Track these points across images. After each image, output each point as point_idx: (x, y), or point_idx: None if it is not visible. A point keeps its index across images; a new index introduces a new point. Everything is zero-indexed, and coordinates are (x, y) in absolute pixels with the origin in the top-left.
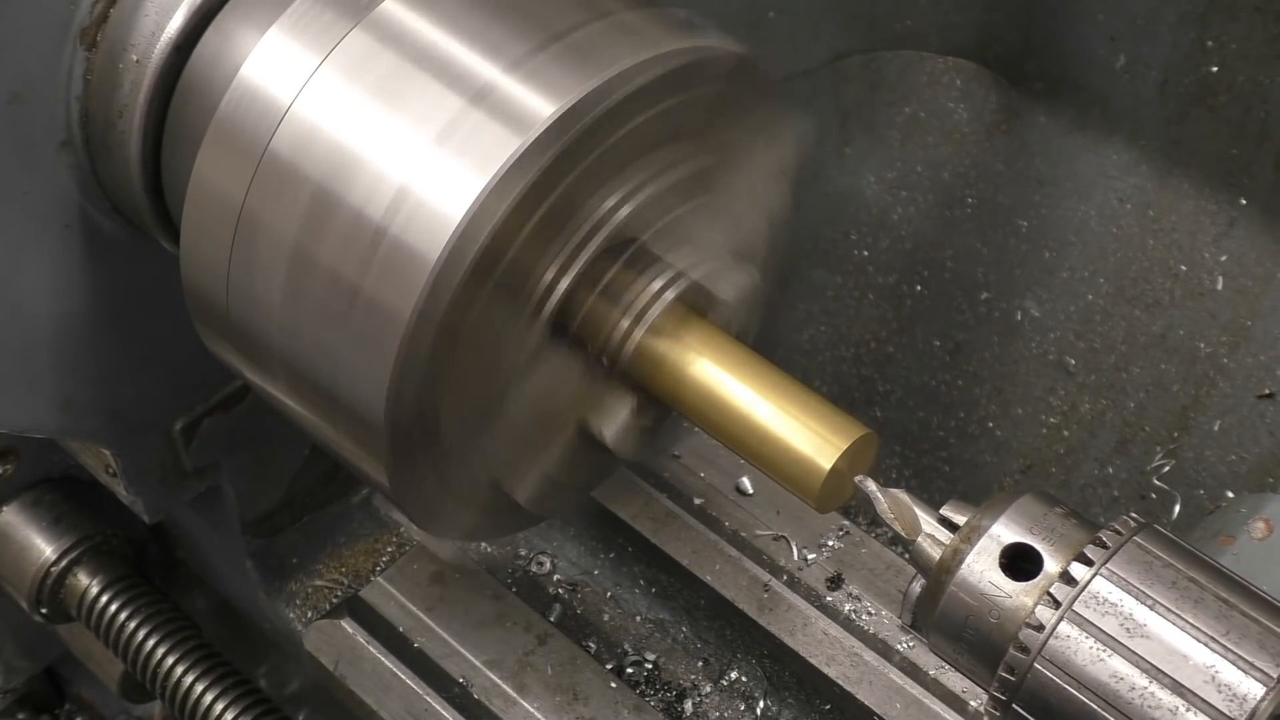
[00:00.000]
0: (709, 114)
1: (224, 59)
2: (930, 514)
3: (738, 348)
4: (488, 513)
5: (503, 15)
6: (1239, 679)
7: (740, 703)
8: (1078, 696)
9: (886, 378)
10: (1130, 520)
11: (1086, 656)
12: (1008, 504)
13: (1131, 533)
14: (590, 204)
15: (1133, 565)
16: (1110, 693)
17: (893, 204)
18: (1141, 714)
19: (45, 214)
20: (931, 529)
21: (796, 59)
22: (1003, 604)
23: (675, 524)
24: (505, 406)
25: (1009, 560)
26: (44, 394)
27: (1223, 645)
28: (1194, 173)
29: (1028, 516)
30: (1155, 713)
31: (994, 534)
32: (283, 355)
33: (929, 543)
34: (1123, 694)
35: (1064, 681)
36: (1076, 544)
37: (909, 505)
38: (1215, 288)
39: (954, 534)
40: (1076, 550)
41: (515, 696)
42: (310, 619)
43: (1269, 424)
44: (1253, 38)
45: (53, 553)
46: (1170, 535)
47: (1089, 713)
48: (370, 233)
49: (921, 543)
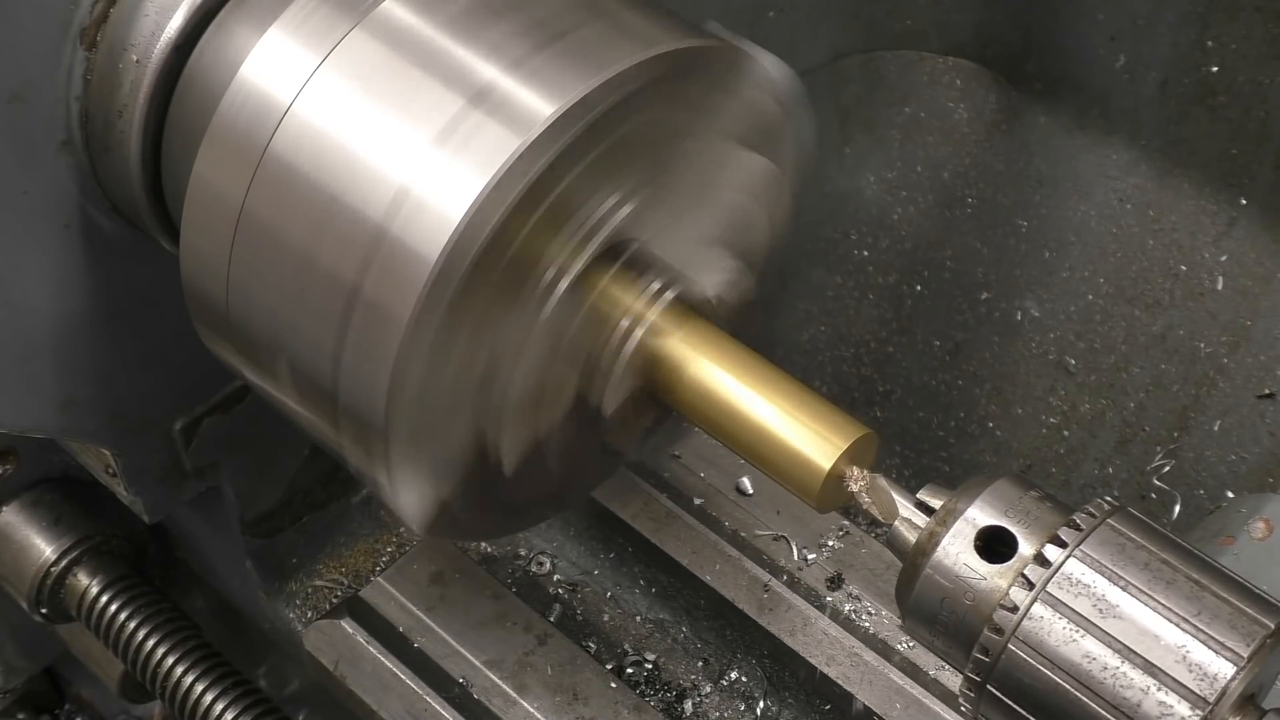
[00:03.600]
0: (709, 113)
1: (224, 59)
2: (907, 498)
3: (738, 348)
4: (487, 513)
5: (503, 15)
6: (1210, 659)
7: (740, 703)
8: (1051, 677)
9: (886, 378)
10: (1104, 503)
11: (1060, 637)
12: (983, 487)
13: (1105, 515)
14: (590, 204)
15: (1106, 547)
16: (1083, 673)
17: (893, 204)
18: (1114, 694)
19: (45, 214)
20: (908, 513)
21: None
22: (977, 586)
23: (675, 524)
24: (505, 406)
25: (984, 543)
26: (44, 394)
27: (1194, 625)
28: (1194, 173)
29: (1003, 500)
30: (1127, 692)
31: (969, 517)
32: (283, 355)
33: (906, 526)
34: (1095, 674)
35: (1037, 662)
36: (1051, 526)
37: (886, 489)
38: (1215, 288)
39: (930, 517)
40: (1051, 533)
41: (515, 696)
42: (310, 619)
43: (1269, 424)
44: (1253, 38)
45: (53, 553)
46: (1143, 518)
47: (1062, 693)
48: (370, 233)
49: (898, 526)
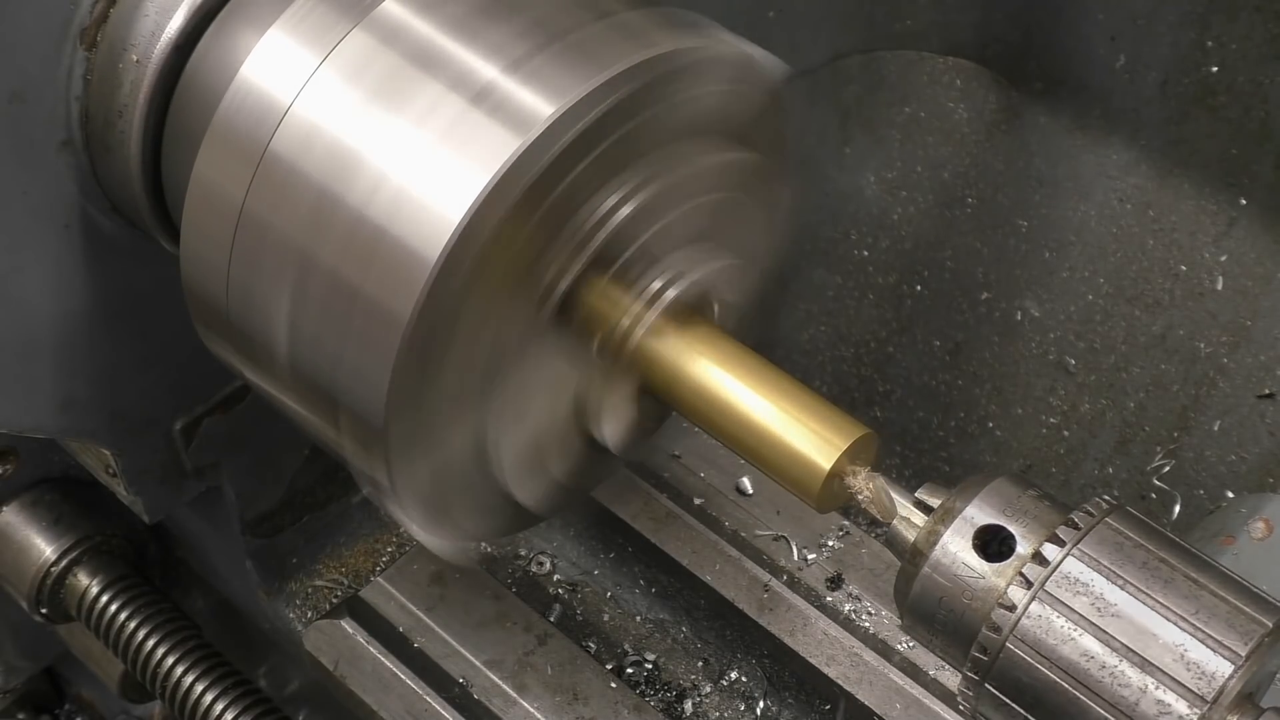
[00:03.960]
0: (709, 113)
1: (224, 59)
2: (906, 497)
3: (738, 348)
4: (488, 513)
5: (503, 15)
6: (1208, 657)
7: (740, 703)
8: (1049, 675)
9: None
10: (1102, 502)
11: (1058, 636)
12: (982, 486)
13: (1103, 514)
14: (590, 204)
15: (1104, 546)
16: (1081, 671)
17: (893, 204)
18: (1112, 692)
19: (45, 214)
20: (907, 512)
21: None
22: (976, 585)
23: (675, 524)
24: (505, 407)
25: (982, 542)
26: (44, 394)
27: (1192, 624)
28: (1194, 173)
29: (1001, 498)
30: (1125, 691)
31: (968, 516)
32: (283, 355)
33: (905, 525)
34: (1093, 672)
35: (1036, 661)
36: (1049, 525)
37: (884, 488)
38: (1215, 288)
39: (929, 516)
40: (1049, 532)
41: (515, 696)
42: (310, 619)
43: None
44: (1253, 38)
45: (53, 553)
46: (1141, 517)
47: (1060, 691)
48: (370, 233)
49: (897, 525)
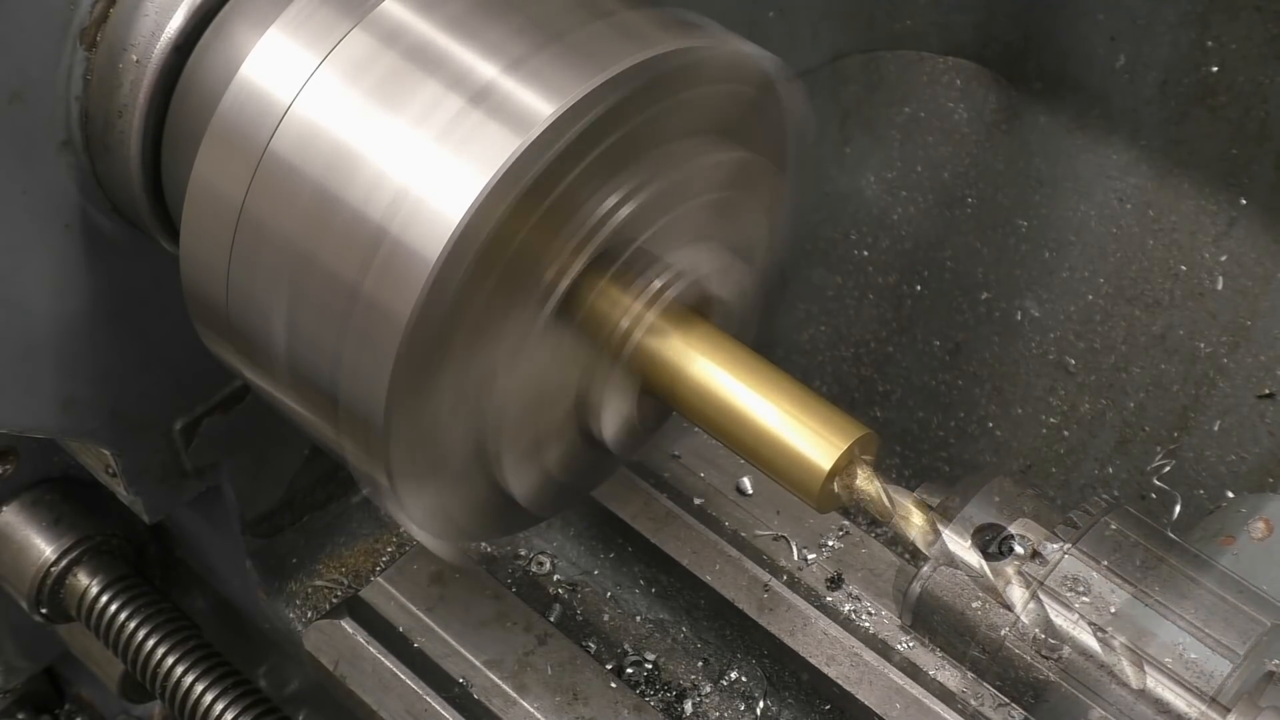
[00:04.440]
0: (709, 113)
1: (224, 59)
2: (906, 496)
3: (738, 348)
4: (487, 513)
5: (503, 15)
6: (1206, 656)
7: (740, 703)
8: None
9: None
10: (1101, 501)
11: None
12: (981, 486)
13: (1101, 513)
14: (590, 204)
15: (1102, 545)
16: (1080, 669)
17: (893, 204)
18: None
19: (45, 214)
20: (906, 511)
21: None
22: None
23: (675, 524)
24: (505, 407)
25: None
26: (44, 394)
27: (1190, 623)
28: (1194, 173)
29: (1000, 498)
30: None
31: (967, 515)
32: (282, 355)
33: (904, 525)
34: (1091, 670)
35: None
36: (1048, 524)
37: (885, 489)
38: (1215, 288)
39: (928, 516)
40: (1048, 531)
41: (515, 696)
42: (310, 619)
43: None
44: (1253, 38)
45: (53, 553)
46: (1140, 516)
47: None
48: (370, 233)
49: (897, 525)
